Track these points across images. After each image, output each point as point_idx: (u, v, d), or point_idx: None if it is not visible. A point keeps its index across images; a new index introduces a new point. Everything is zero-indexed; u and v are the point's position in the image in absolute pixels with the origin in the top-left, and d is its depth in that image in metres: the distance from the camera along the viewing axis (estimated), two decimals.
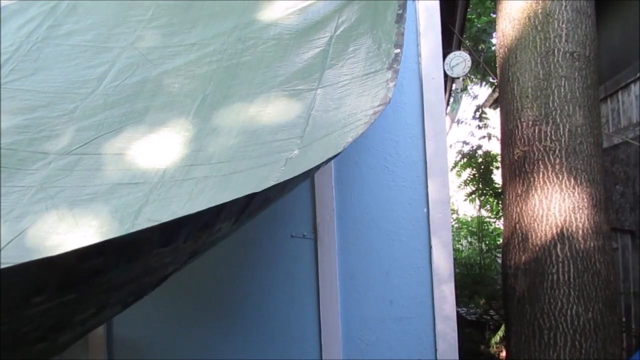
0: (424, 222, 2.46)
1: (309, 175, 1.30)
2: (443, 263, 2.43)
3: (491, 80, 7.99)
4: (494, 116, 7.97)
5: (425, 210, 2.46)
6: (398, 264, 2.47)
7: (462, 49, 5.37)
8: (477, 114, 7.98)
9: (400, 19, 1.79)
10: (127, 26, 2.04)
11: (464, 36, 6.24)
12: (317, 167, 1.22)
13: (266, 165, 1.34)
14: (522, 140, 2.85)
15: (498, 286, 6.12)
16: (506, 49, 3.10)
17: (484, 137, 7.56)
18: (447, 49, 4.10)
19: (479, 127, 7.73)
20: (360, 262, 2.47)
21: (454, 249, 2.48)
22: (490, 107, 8.60)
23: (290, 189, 1.52)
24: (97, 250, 0.84)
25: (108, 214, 1.24)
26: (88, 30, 2.02)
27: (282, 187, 1.21)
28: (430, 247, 2.44)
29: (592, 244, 2.64)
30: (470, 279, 6.43)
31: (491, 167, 7.05)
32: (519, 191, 2.86)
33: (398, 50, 1.66)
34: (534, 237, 2.74)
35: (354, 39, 1.83)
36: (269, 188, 1.12)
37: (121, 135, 1.55)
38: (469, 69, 3.93)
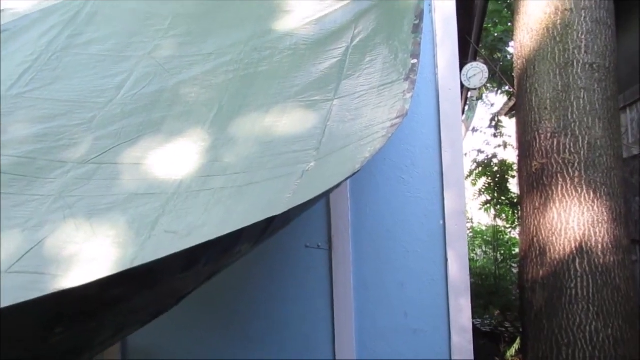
0: (439, 233, 2.44)
1: (328, 193, 1.28)
2: (459, 275, 2.40)
3: (507, 88, 7.92)
4: (509, 124, 7.90)
5: (442, 221, 2.43)
6: (413, 275, 2.44)
7: (478, 58, 5.33)
8: (493, 122, 7.91)
9: (416, 29, 1.77)
10: (145, 35, 2.05)
11: (480, 45, 6.20)
12: (336, 186, 1.20)
13: (282, 176, 1.33)
14: (540, 153, 2.81)
15: (513, 297, 6.02)
16: (524, 60, 3.06)
17: (499, 145, 7.50)
18: (463, 58, 4.08)
19: (495, 136, 7.67)
20: (375, 273, 2.45)
21: (468, 259, 2.45)
22: (506, 115, 8.53)
23: (309, 207, 1.50)
24: (118, 280, 0.83)
25: (125, 224, 1.24)
26: (107, 40, 2.03)
27: (302, 207, 1.20)
28: (446, 259, 2.41)
29: (611, 259, 2.59)
30: (484, 289, 6.34)
31: (507, 176, 6.98)
32: (537, 204, 2.81)
33: (415, 61, 1.65)
34: (552, 251, 2.69)
35: (370, 49, 1.82)
36: (289, 210, 1.11)
37: (138, 144, 1.56)
38: (486, 80, 3.89)
